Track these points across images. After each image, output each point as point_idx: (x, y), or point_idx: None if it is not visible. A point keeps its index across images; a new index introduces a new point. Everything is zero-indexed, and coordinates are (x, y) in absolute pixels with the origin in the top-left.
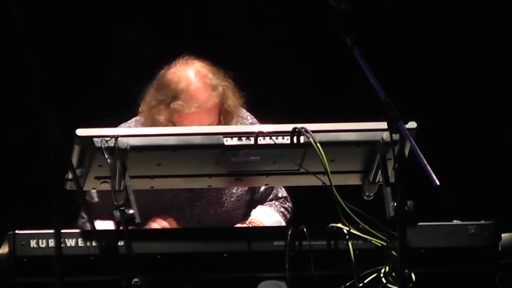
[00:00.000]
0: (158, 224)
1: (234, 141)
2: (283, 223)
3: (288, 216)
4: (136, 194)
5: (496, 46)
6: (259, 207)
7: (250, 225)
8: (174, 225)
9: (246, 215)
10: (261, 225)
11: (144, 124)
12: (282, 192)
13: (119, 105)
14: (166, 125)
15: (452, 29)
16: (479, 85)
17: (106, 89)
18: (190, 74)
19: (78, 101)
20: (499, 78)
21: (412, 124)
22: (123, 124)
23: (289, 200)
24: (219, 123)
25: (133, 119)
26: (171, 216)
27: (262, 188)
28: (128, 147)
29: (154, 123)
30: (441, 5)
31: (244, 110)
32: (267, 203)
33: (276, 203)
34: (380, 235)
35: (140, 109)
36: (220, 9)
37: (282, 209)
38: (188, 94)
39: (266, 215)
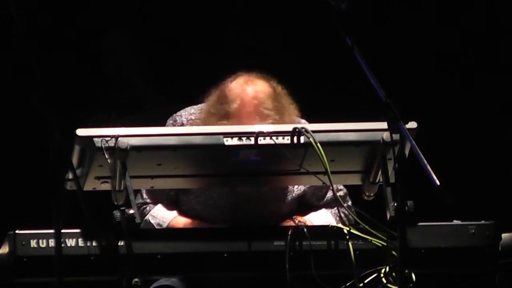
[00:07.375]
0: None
1: (234, 141)
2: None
3: (346, 221)
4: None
5: (496, 45)
6: (320, 210)
7: (296, 220)
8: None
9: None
10: (307, 222)
11: (200, 120)
12: (348, 202)
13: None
14: None
15: (452, 29)
16: (479, 85)
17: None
18: (246, 96)
19: (75, 101)
20: (499, 77)
21: (412, 124)
22: (189, 108)
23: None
24: None
25: (201, 105)
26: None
27: (329, 194)
28: (128, 147)
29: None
30: (440, 5)
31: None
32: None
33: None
34: (380, 235)
35: (203, 104)
36: (219, 9)
37: (341, 214)
38: (237, 118)
39: (318, 216)
